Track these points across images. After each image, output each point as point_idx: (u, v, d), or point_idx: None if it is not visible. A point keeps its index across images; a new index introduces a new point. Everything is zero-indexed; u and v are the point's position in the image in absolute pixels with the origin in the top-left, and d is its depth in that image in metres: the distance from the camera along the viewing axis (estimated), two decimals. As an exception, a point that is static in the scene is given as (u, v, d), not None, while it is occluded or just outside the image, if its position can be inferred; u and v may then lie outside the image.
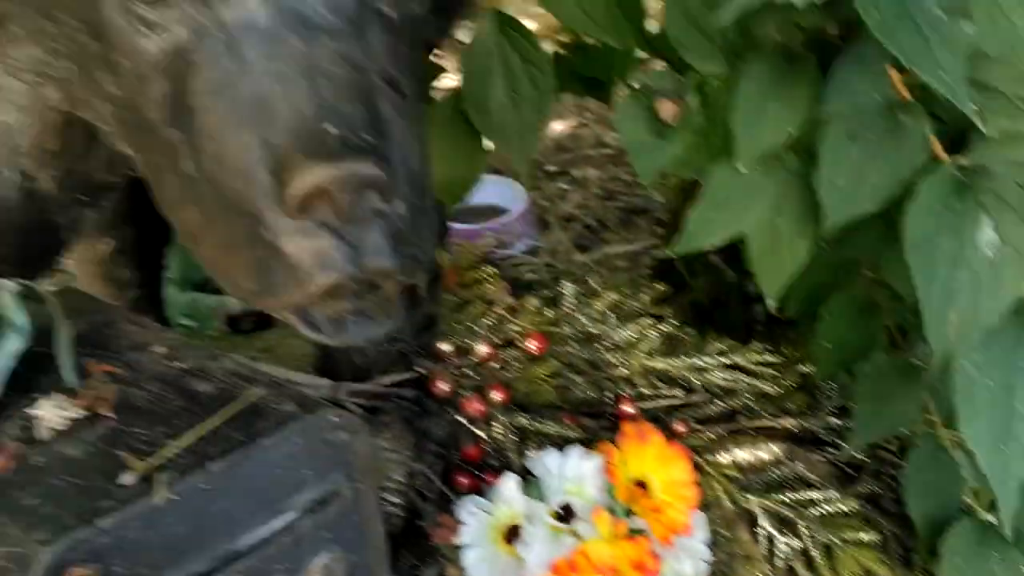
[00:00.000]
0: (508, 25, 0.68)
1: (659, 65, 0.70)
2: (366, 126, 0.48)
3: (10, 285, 0.61)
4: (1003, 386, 0.62)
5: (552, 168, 2.00)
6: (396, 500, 0.79)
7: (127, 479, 0.54)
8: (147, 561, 0.53)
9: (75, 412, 0.60)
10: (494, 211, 2.18)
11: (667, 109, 0.64)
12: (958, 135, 0.64)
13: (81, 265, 1.03)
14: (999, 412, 0.62)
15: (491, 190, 2.22)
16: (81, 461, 0.56)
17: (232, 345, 1.03)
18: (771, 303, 0.71)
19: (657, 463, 0.80)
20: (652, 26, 0.66)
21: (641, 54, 0.72)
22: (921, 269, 0.59)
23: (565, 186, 1.97)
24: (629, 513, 0.78)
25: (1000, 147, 0.63)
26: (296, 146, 0.46)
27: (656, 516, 0.78)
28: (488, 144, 0.75)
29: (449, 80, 0.80)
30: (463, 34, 0.71)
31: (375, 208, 0.48)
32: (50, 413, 0.59)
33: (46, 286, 0.71)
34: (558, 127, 2.02)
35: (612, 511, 0.76)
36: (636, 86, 0.65)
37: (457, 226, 2.09)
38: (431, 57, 0.75)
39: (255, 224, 0.48)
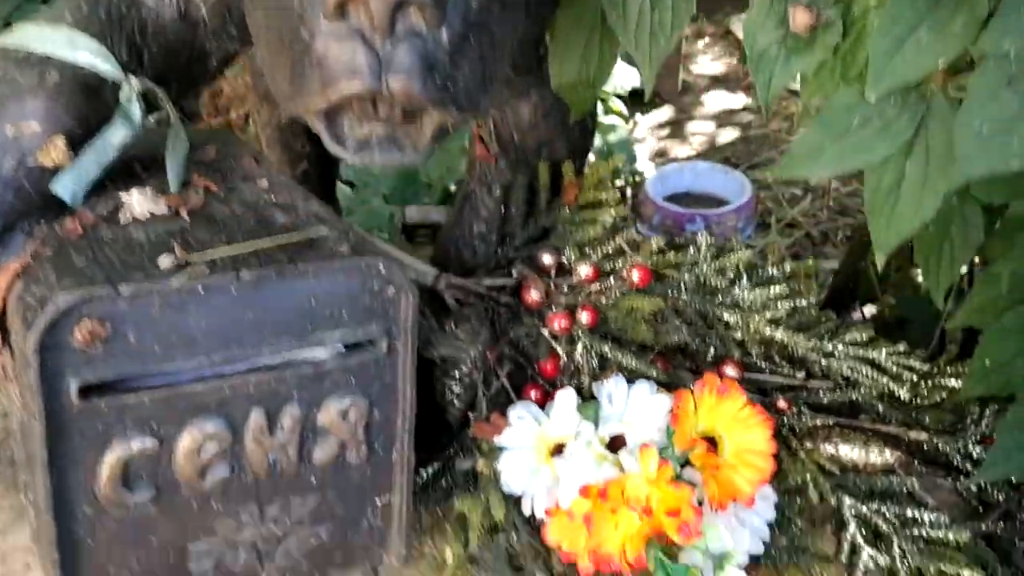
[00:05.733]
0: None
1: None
2: None
3: (135, 81, 0.66)
4: None
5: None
6: (458, 390, 0.78)
7: (164, 262, 0.57)
8: (161, 340, 0.56)
9: (159, 208, 0.65)
10: (714, 201, 2.08)
11: (801, 18, 0.58)
12: None
13: (263, 128, 1.10)
14: None
15: (716, 179, 2.12)
16: (139, 244, 0.60)
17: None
18: (879, 258, 0.63)
19: (734, 423, 0.74)
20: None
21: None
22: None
23: (798, 192, 1.86)
24: (685, 464, 0.73)
25: None
26: None
27: (715, 475, 0.73)
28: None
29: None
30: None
31: (413, 28, 0.48)
32: (136, 202, 0.64)
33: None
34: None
35: (664, 455, 0.71)
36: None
37: (668, 206, 2.03)
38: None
39: (299, 24, 0.49)
